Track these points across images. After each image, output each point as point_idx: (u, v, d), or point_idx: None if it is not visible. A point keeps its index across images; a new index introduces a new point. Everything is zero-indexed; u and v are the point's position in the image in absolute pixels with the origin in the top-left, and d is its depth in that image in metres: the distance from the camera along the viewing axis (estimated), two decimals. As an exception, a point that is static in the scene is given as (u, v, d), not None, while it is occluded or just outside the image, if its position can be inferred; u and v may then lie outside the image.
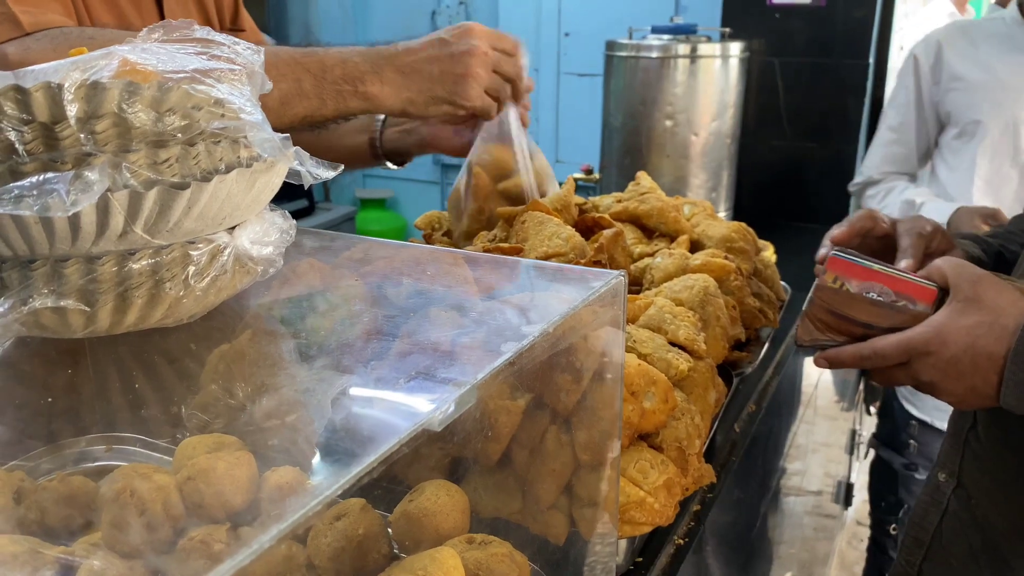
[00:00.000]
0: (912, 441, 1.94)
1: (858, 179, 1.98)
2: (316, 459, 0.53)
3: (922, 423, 1.91)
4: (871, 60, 2.14)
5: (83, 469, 0.64)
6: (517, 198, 1.24)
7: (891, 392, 2.03)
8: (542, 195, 1.24)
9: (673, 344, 0.93)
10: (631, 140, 2.09)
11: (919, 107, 1.87)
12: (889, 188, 1.91)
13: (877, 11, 2.13)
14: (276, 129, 0.53)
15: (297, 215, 3.52)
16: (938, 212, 1.71)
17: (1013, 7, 1.81)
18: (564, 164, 3.36)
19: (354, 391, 0.54)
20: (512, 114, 1.20)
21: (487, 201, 1.26)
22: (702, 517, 0.97)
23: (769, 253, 1.59)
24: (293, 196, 3.39)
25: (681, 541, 0.93)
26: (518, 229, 1.10)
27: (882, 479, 2.05)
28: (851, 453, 2.70)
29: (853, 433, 2.68)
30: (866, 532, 3.00)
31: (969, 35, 1.84)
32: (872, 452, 2.04)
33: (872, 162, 1.95)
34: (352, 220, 3.78)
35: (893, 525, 2.06)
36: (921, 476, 1.93)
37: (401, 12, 3.79)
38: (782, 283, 1.33)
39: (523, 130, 1.23)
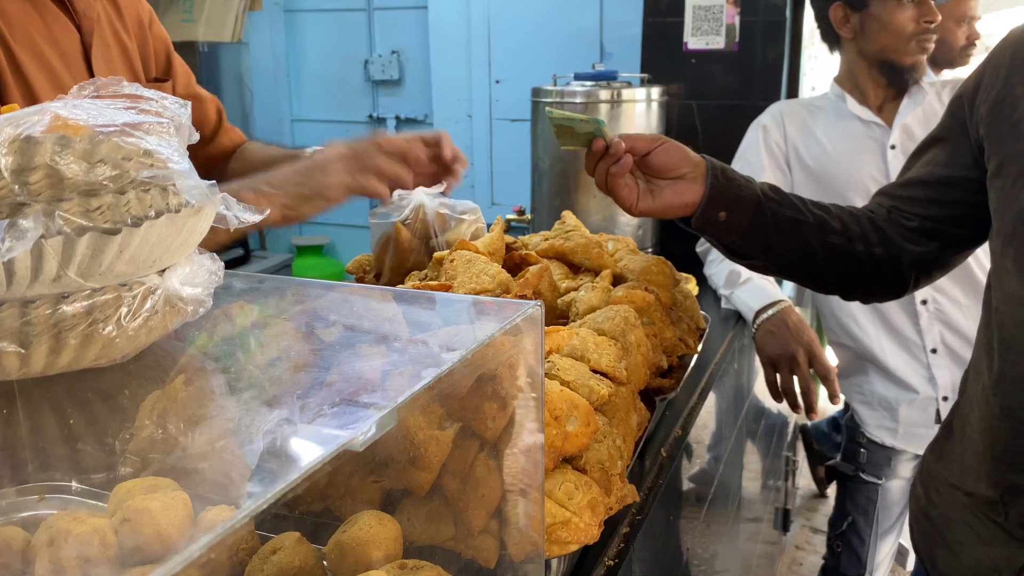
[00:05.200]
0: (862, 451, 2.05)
1: (700, 246, 2.03)
2: (246, 489, 0.55)
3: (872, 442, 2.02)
4: (783, 99, 2.26)
5: (15, 519, 0.65)
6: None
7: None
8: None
9: (595, 371, 0.98)
10: (560, 182, 2.16)
11: (771, 172, 1.94)
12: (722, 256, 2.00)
13: (786, 54, 2.26)
14: None
15: (233, 264, 3.52)
16: (761, 290, 1.78)
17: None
18: (499, 206, 3.44)
19: (282, 421, 0.57)
20: (417, 195, 1.36)
21: (408, 256, 1.32)
22: (630, 539, 1.01)
23: (691, 285, 1.66)
24: (229, 245, 3.38)
25: (611, 562, 0.97)
26: (447, 268, 1.15)
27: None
28: (786, 479, 2.78)
29: (787, 459, 2.77)
30: (805, 556, 3.08)
31: (807, 108, 1.98)
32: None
33: None
34: (289, 267, 3.77)
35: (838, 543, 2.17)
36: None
37: (335, 62, 3.83)
38: (702, 313, 1.39)
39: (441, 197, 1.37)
